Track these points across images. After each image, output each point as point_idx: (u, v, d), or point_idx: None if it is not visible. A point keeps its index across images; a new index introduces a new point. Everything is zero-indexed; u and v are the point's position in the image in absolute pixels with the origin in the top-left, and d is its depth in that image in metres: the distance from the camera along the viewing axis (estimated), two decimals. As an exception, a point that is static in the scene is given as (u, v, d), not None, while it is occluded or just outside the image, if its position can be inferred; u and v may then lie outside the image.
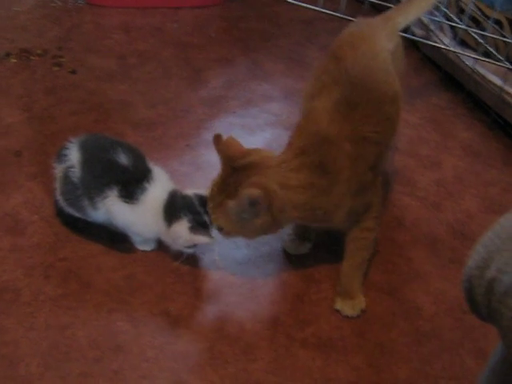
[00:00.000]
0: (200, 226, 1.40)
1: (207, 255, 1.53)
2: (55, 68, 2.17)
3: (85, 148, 1.47)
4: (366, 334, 1.40)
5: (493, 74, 2.14)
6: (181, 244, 1.42)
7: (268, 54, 2.44)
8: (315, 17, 2.69)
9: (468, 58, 2.22)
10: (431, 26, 2.38)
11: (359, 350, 1.36)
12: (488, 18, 2.22)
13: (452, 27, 2.37)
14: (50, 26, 2.43)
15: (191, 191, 1.45)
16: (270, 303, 1.45)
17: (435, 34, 2.36)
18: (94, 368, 1.25)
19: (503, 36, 2.19)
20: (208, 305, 1.43)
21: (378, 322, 1.43)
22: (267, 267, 1.54)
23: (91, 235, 1.53)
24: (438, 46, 2.33)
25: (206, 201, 1.38)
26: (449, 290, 1.53)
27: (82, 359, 1.27)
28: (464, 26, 2.24)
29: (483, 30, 2.22)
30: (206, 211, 1.40)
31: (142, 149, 1.53)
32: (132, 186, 1.43)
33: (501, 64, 2.13)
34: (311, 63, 2.38)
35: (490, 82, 2.12)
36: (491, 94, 2.12)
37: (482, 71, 2.16)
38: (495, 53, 2.18)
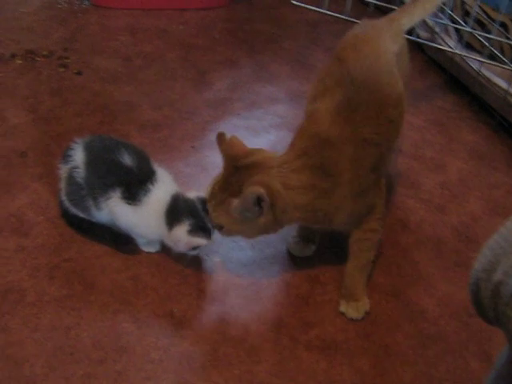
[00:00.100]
0: (200, 229, 1.40)
1: (212, 257, 1.54)
2: (61, 69, 2.18)
3: (89, 149, 1.48)
4: (370, 336, 1.40)
5: (498, 76, 2.14)
6: (181, 247, 1.43)
7: (273, 55, 2.45)
8: (320, 19, 2.70)
9: (473, 60, 2.22)
10: (436, 29, 2.38)
11: (364, 353, 1.36)
12: (493, 20, 2.22)
13: (457, 30, 2.37)
14: (55, 28, 2.43)
15: (194, 194, 1.45)
16: (275, 305, 1.45)
17: (440, 37, 2.36)
18: (98, 369, 1.25)
19: (508, 39, 2.19)
20: (212, 306, 1.43)
21: (383, 324, 1.43)
22: (272, 269, 1.54)
23: (96, 236, 1.53)
24: (443, 48, 2.33)
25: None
26: (453, 293, 1.53)
27: (86, 360, 1.27)
28: (469, 29, 2.24)
29: (488, 33, 2.22)
30: (208, 215, 1.40)
31: (147, 150, 1.54)
32: (135, 187, 1.43)
33: (506, 67, 2.13)
34: (316, 65, 2.38)
35: (495, 84, 2.12)
36: (496, 97, 2.12)
37: (488, 74, 2.16)
38: (500, 55, 2.18)
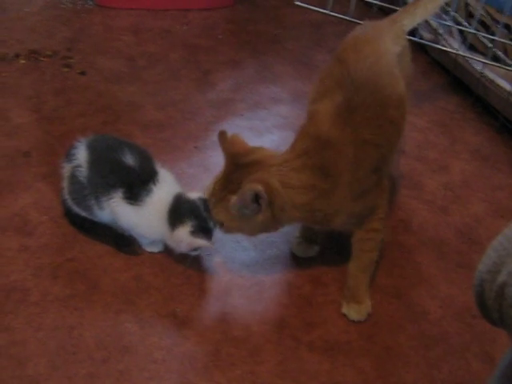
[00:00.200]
0: (202, 230, 1.41)
1: (214, 257, 1.54)
2: (64, 69, 2.18)
3: (92, 148, 1.48)
4: (373, 337, 1.40)
5: (501, 78, 2.14)
6: (183, 248, 1.43)
7: (276, 56, 2.45)
8: (324, 20, 2.70)
9: (477, 62, 2.21)
10: (440, 30, 2.38)
11: (366, 354, 1.36)
12: (497, 22, 2.21)
13: (461, 31, 2.37)
14: (59, 28, 2.44)
15: (196, 195, 1.45)
16: (277, 305, 1.45)
17: (444, 38, 2.36)
18: (100, 369, 1.26)
19: (512, 40, 2.19)
20: (215, 306, 1.43)
21: (385, 325, 1.43)
22: (274, 269, 1.54)
23: (99, 236, 1.54)
24: (447, 49, 2.33)
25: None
26: (456, 294, 1.53)
27: (88, 360, 1.27)
28: (473, 30, 2.24)
29: (492, 35, 2.22)
30: (210, 216, 1.41)
31: (151, 150, 1.54)
32: (137, 187, 1.43)
33: (509, 68, 2.13)
34: (319, 66, 2.38)
35: (498, 86, 2.12)
36: (500, 99, 2.12)
37: (491, 75, 2.16)
38: (504, 57, 2.18)
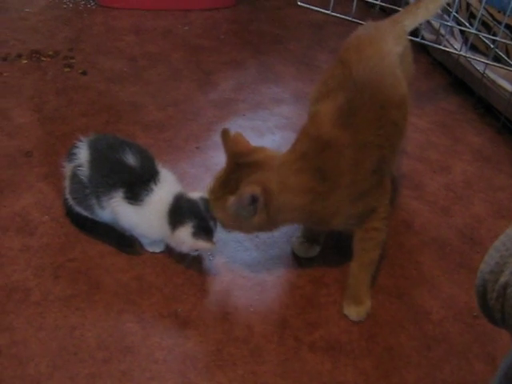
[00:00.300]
0: (203, 231, 1.41)
1: (216, 257, 1.54)
2: (66, 69, 2.18)
3: (94, 147, 1.48)
4: (374, 337, 1.40)
5: (503, 78, 2.14)
6: (184, 248, 1.43)
7: (278, 57, 2.45)
8: (325, 20, 2.70)
9: (478, 62, 2.21)
10: (441, 31, 2.38)
11: (368, 354, 1.36)
12: (499, 22, 2.21)
13: (462, 32, 2.37)
14: (61, 28, 2.44)
15: (197, 194, 1.45)
16: (279, 306, 1.45)
17: (445, 39, 2.36)
18: (102, 369, 1.26)
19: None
20: (217, 307, 1.43)
21: (387, 325, 1.43)
22: (276, 270, 1.54)
23: (100, 236, 1.54)
24: (449, 50, 2.33)
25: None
26: (457, 295, 1.53)
27: (90, 360, 1.27)
28: (474, 31, 2.24)
29: (494, 35, 2.22)
30: (211, 216, 1.41)
31: (152, 150, 1.54)
32: (138, 187, 1.43)
33: (511, 69, 2.13)
34: (321, 66, 2.38)
35: (500, 86, 2.12)
36: (501, 99, 2.12)
37: (493, 76, 2.16)
38: (506, 58, 2.18)
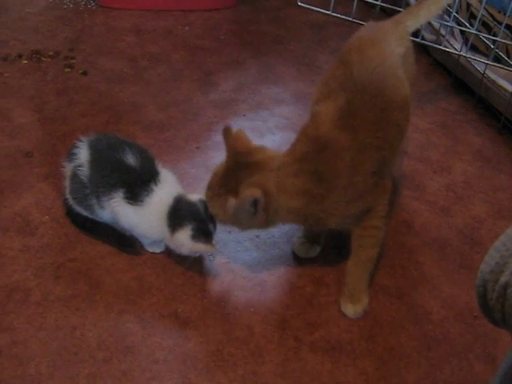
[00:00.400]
0: (203, 233, 1.41)
1: (216, 258, 1.54)
2: (66, 69, 2.19)
3: (94, 147, 1.48)
4: (375, 338, 1.40)
5: (503, 79, 2.14)
6: (184, 251, 1.43)
7: (278, 57, 2.45)
8: (326, 21, 2.70)
9: (479, 63, 2.22)
10: (442, 31, 2.38)
11: (368, 354, 1.36)
12: (499, 23, 2.21)
13: (463, 32, 2.37)
14: (61, 28, 2.44)
15: (197, 197, 1.45)
16: (279, 306, 1.45)
17: (446, 39, 2.36)
18: (102, 369, 1.26)
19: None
20: (217, 307, 1.43)
21: (387, 326, 1.43)
22: (277, 270, 1.54)
23: (101, 236, 1.54)
24: (449, 50, 2.33)
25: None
26: (458, 295, 1.53)
27: (90, 360, 1.27)
28: (475, 31, 2.24)
29: (494, 35, 2.22)
30: (210, 218, 1.41)
31: (153, 151, 1.54)
32: (138, 187, 1.43)
33: (511, 69, 2.13)
34: (322, 67, 2.38)
35: (500, 87, 2.12)
36: (502, 99, 2.12)
37: (493, 76, 2.16)
38: (506, 58, 2.18)
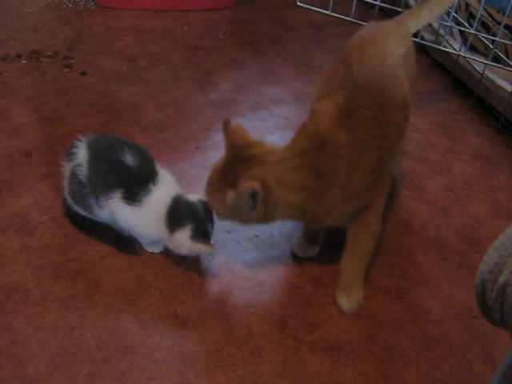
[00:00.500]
0: (201, 234, 1.41)
1: (215, 258, 1.54)
2: (65, 69, 2.19)
3: (93, 147, 1.48)
4: (374, 337, 1.40)
5: (502, 79, 2.14)
6: (182, 251, 1.43)
7: (278, 57, 2.45)
8: (325, 21, 2.70)
9: (478, 63, 2.22)
10: (441, 31, 2.38)
11: (367, 354, 1.36)
12: (498, 23, 2.21)
13: (462, 32, 2.37)
14: (60, 28, 2.44)
15: (196, 197, 1.45)
16: (278, 306, 1.45)
17: (445, 39, 2.36)
18: (101, 369, 1.26)
19: (513, 41, 2.19)
20: (216, 307, 1.43)
21: (386, 326, 1.43)
22: (276, 270, 1.54)
23: (100, 236, 1.54)
24: (448, 50, 2.33)
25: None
26: (457, 295, 1.53)
27: (89, 360, 1.27)
28: (474, 31, 2.24)
29: (493, 35, 2.22)
30: (209, 219, 1.41)
31: (152, 151, 1.54)
32: (136, 187, 1.43)
33: (510, 69, 2.13)
34: (321, 67, 2.39)
35: (499, 87, 2.12)
36: (501, 99, 2.12)
37: (492, 76, 2.16)
38: (505, 58, 2.18)
